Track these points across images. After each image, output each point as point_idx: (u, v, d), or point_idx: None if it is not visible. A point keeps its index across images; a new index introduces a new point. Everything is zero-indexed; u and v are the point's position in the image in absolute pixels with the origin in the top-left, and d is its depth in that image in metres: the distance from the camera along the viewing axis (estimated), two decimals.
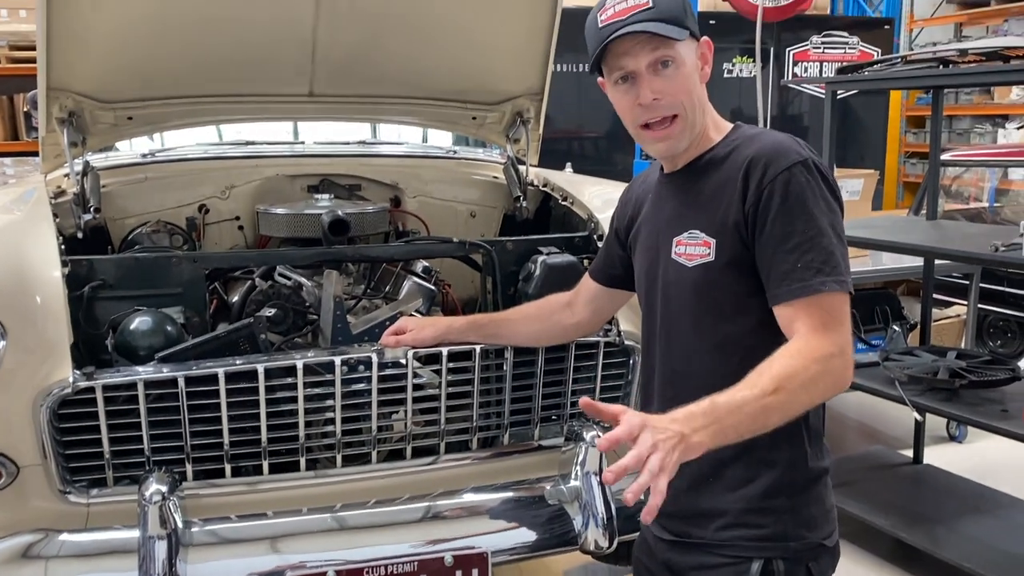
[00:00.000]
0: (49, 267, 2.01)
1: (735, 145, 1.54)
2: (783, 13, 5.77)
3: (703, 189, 1.55)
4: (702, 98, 1.56)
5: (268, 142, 3.31)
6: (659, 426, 1.26)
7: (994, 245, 2.60)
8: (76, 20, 2.33)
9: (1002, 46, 2.76)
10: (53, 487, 1.97)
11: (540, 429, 2.34)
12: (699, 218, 1.53)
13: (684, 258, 1.54)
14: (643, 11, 1.48)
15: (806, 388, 1.37)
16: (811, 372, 1.37)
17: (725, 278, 1.50)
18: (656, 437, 1.23)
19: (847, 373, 1.43)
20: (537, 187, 3.03)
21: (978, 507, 3.21)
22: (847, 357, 1.42)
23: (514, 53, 2.82)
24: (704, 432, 1.28)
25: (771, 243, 1.44)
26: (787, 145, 1.48)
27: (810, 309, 1.41)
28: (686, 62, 1.52)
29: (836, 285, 1.42)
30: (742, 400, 1.32)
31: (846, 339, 1.43)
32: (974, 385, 2.83)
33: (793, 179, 1.44)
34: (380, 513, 2.10)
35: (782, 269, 1.43)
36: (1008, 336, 5.20)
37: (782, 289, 1.43)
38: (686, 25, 1.50)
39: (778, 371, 1.36)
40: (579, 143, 6.99)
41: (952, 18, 8.56)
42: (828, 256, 1.42)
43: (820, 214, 1.44)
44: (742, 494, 1.53)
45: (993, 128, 8.24)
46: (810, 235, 1.43)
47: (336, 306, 2.29)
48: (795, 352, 1.39)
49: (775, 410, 1.35)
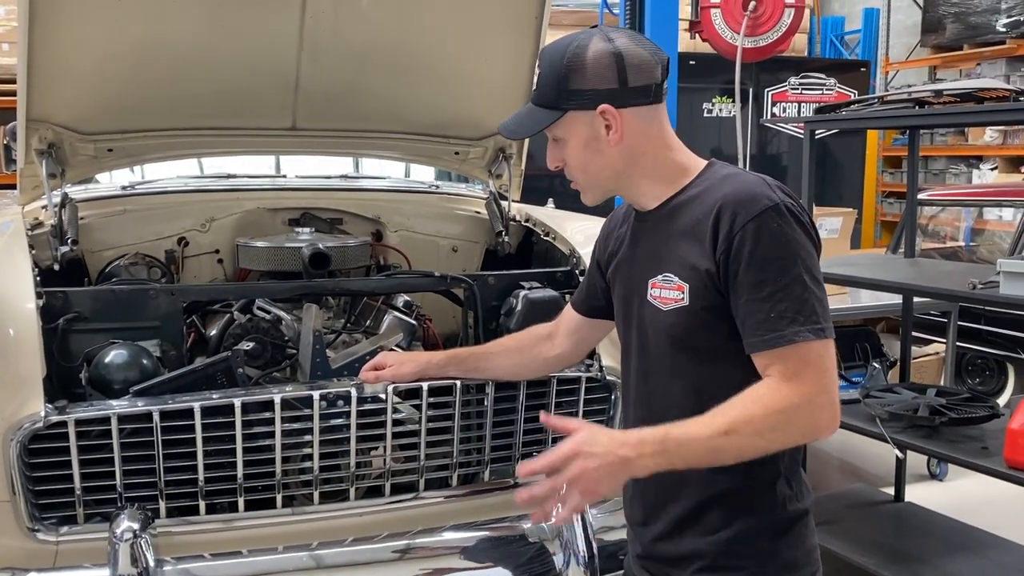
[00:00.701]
0: (23, 299, 1.98)
1: (707, 186, 1.52)
2: (762, 54, 5.86)
3: (675, 231, 1.53)
4: (610, 163, 1.54)
5: (249, 175, 3.31)
6: (595, 452, 1.35)
7: (972, 283, 2.62)
8: (58, 52, 2.33)
9: (976, 87, 2.81)
10: (21, 524, 1.92)
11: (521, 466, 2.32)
12: (672, 262, 1.52)
13: (659, 301, 1.52)
14: (533, 90, 1.56)
15: (761, 435, 1.37)
16: (770, 421, 1.37)
17: (700, 322, 1.47)
18: (586, 466, 1.34)
19: (819, 423, 1.40)
20: (519, 222, 3.04)
21: (960, 545, 3.19)
22: (818, 406, 1.38)
23: (497, 89, 2.84)
24: (651, 459, 1.36)
25: (744, 292, 1.42)
26: (757, 190, 1.45)
27: (784, 359, 1.39)
28: (570, 137, 1.54)
29: (810, 334, 1.39)
30: (693, 436, 1.37)
31: (819, 388, 1.39)
32: (954, 422, 2.83)
33: (764, 226, 1.41)
34: (358, 551, 2.06)
35: (756, 319, 1.41)
36: (986, 373, 5.23)
37: (756, 339, 1.41)
38: (558, 106, 1.51)
39: (735, 415, 1.37)
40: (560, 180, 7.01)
41: (926, 61, 8.74)
42: (801, 304, 1.39)
43: (792, 260, 1.41)
44: (720, 537, 1.51)
45: (968, 169, 8.38)
46: (783, 283, 1.40)
47: (315, 340, 2.27)
48: (758, 398, 1.38)
49: (725, 451, 1.38)
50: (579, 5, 7.22)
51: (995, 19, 7.66)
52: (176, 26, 2.42)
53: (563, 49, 1.51)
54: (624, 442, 1.37)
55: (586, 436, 1.38)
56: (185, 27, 2.43)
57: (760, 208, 1.42)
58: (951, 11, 8.11)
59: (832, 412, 1.41)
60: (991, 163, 8.11)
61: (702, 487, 1.51)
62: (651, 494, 1.60)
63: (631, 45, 1.50)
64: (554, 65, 1.51)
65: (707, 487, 1.51)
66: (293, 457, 2.12)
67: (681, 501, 1.54)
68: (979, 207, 6.54)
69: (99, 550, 1.88)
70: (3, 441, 1.86)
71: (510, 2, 2.64)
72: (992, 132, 7.91)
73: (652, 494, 1.60)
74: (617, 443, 1.37)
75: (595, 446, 1.36)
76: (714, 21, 5.75)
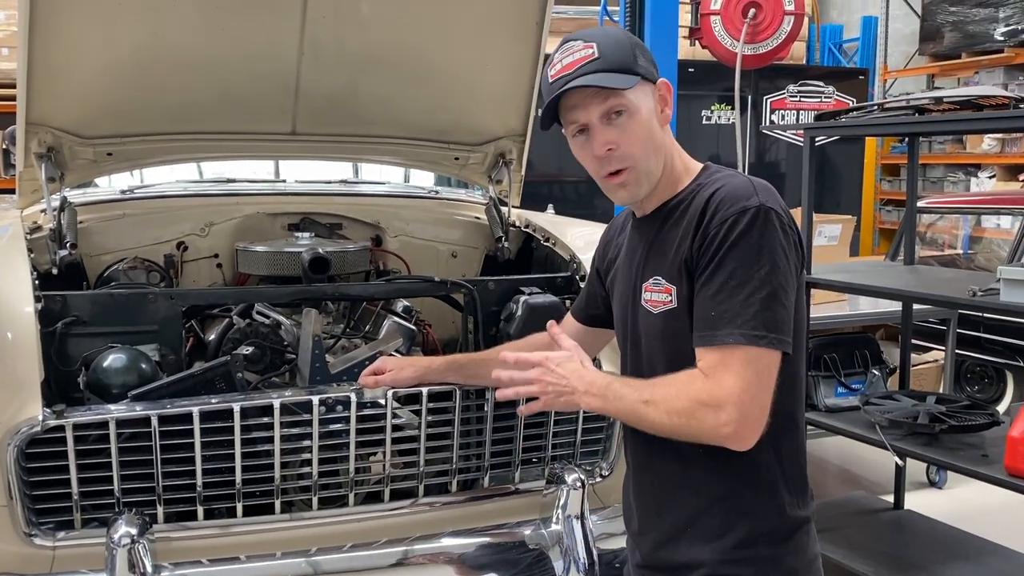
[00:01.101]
0: (22, 303, 1.97)
1: (699, 189, 1.52)
2: (761, 60, 5.87)
3: (666, 235, 1.53)
4: (662, 143, 1.54)
5: (249, 180, 3.30)
6: (554, 371, 1.51)
7: (972, 290, 2.62)
8: (57, 56, 2.32)
9: (976, 95, 2.81)
10: (18, 529, 1.91)
11: (521, 472, 2.31)
12: (661, 264, 1.52)
13: (651, 305, 1.53)
14: (589, 63, 1.47)
15: (670, 416, 1.41)
16: (677, 405, 1.40)
17: (687, 325, 1.47)
18: (544, 377, 1.51)
19: (719, 429, 1.37)
20: (519, 228, 3.03)
21: (959, 553, 3.18)
22: (723, 411, 1.36)
23: (497, 95, 2.84)
24: (593, 399, 1.48)
25: (699, 285, 1.43)
26: (742, 190, 1.44)
27: (711, 356, 1.40)
28: (640, 109, 1.49)
29: (742, 338, 1.37)
30: (626, 395, 1.46)
31: (730, 394, 1.36)
32: (954, 430, 2.82)
33: (736, 225, 1.40)
34: (356, 557, 2.05)
35: (699, 314, 1.43)
36: (985, 381, 5.23)
37: (696, 334, 1.43)
38: (635, 71, 1.49)
39: (658, 390, 1.44)
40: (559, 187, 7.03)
41: (925, 69, 8.75)
42: (745, 308, 1.38)
43: (752, 265, 1.39)
44: (719, 544, 1.50)
45: (966, 177, 8.39)
46: (732, 285, 1.39)
47: (315, 345, 2.26)
48: (677, 381, 1.42)
49: (645, 420, 1.45)
50: (579, 12, 7.22)
51: (993, 28, 7.68)
52: (176, 30, 2.42)
53: (616, 31, 1.58)
54: (580, 376, 1.50)
55: (559, 358, 1.53)
56: (185, 31, 2.43)
57: (738, 209, 1.42)
58: (949, 20, 8.13)
59: (740, 425, 1.37)
60: (989, 171, 8.12)
61: (699, 490, 1.51)
62: (649, 501, 1.60)
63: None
64: (619, 40, 1.52)
65: (704, 490, 1.50)
66: (292, 462, 2.11)
67: (678, 506, 1.54)
68: (977, 215, 6.55)
69: (96, 555, 1.87)
70: (0, 445, 1.85)
71: (511, 8, 2.64)
72: (990, 140, 7.92)
73: (650, 501, 1.59)
74: (576, 375, 1.50)
75: (559, 367, 1.51)
76: (714, 28, 5.76)
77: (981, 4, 7.78)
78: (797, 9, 5.73)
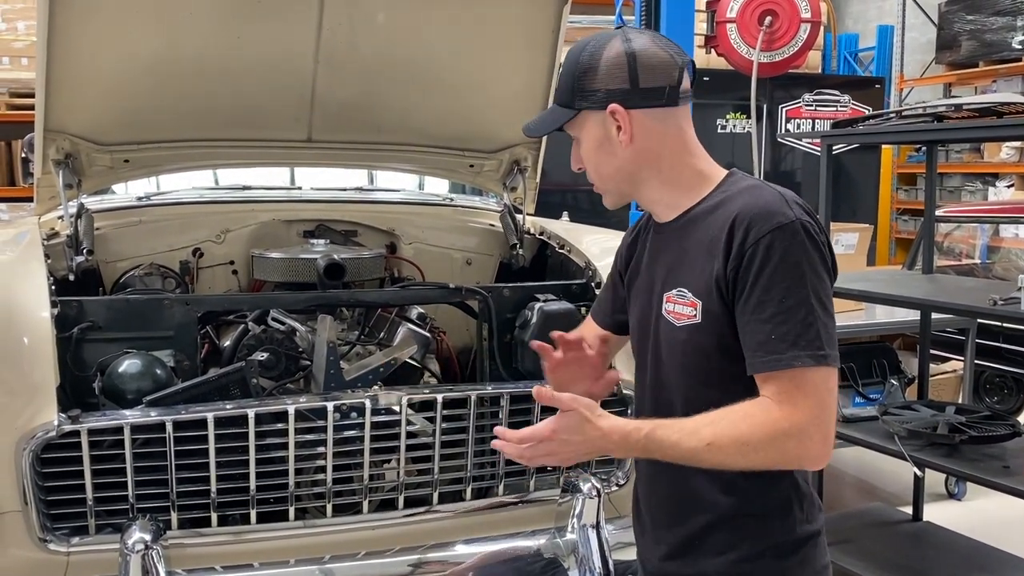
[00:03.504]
0: (38, 308, 1.98)
1: (723, 198, 1.48)
2: (777, 69, 5.84)
3: (690, 245, 1.49)
4: (621, 167, 1.50)
5: (264, 187, 3.31)
6: (572, 441, 1.36)
7: (992, 299, 2.58)
8: (76, 64, 2.34)
9: (997, 102, 2.78)
10: (33, 535, 1.91)
11: (536, 480, 2.29)
12: (686, 276, 1.48)
13: (673, 316, 1.49)
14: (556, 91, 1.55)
15: (744, 454, 1.34)
16: (754, 442, 1.34)
17: (711, 342, 1.44)
18: (557, 450, 1.37)
19: (805, 454, 1.36)
20: (534, 235, 3.03)
21: (980, 566, 3.14)
22: (807, 436, 1.34)
23: (512, 102, 2.83)
24: (630, 454, 1.44)
25: (748, 310, 1.39)
26: (774, 205, 1.41)
27: (780, 382, 1.36)
28: (585, 139, 1.52)
29: (810, 359, 1.34)
30: (676, 442, 1.36)
31: (811, 418, 1.34)
32: (975, 440, 2.79)
33: (776, 243, 1.37)
34: (370, 565, 2.05)
35: (757, 339, 1.38)
36: (1005, 392, 5.17)
37: (756, 360, 1.38)
38: (571, 104, 1.50)
39: (722, 429, 1.35)
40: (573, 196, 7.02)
41: (942, 78, 8.70)
42: (805, 328, 1.35)
43: (800, 282, 1.37)
44: (728, 558, 1.48)
45: (983, 186, 8.33)
46: (788, 305, 1.36)
47: (329, 351, 2.26)
48: (749, 415, 1.35)
49: (705, 461, 1.37)
50: (593, 22, 7.22)
51: (1011, 36, 7.63)
52: (193, 38, 2.43)
53: (582, 48, 1.50)
54: (606, 437, 1.37)
55: (568, 424, 1.37)
56: (202, 39, 2.44)
57: (774, 224, 1.38)
58: (966, 28, 8.08)
59: (822, 446, 1.36)
60: (1007, 180, 8.05)
61: (710, 510, 1.49)
62: (660, 514, 1.58)
63: (649, 46, 1.48)
64: (571, 64, 1.50)
65: (716, 509, 1.48)
66: (306, 469, 2.10)
67: (689, 522, 1.51)
68: (995, 224, 6.49)
69: (110, 561, 1.87)
70: (16, 450, 1.85)
71: (526, 16, 2.64)
72: (1008, 149, 7.86)
73: (661, 514, 1.57)
74: (598, 436, 1.37)
75: (572, 434, 1.36)
76: (730, 36, 5.73)
77: (998, 12, 7.73)
78: (814, 17, 5.70)
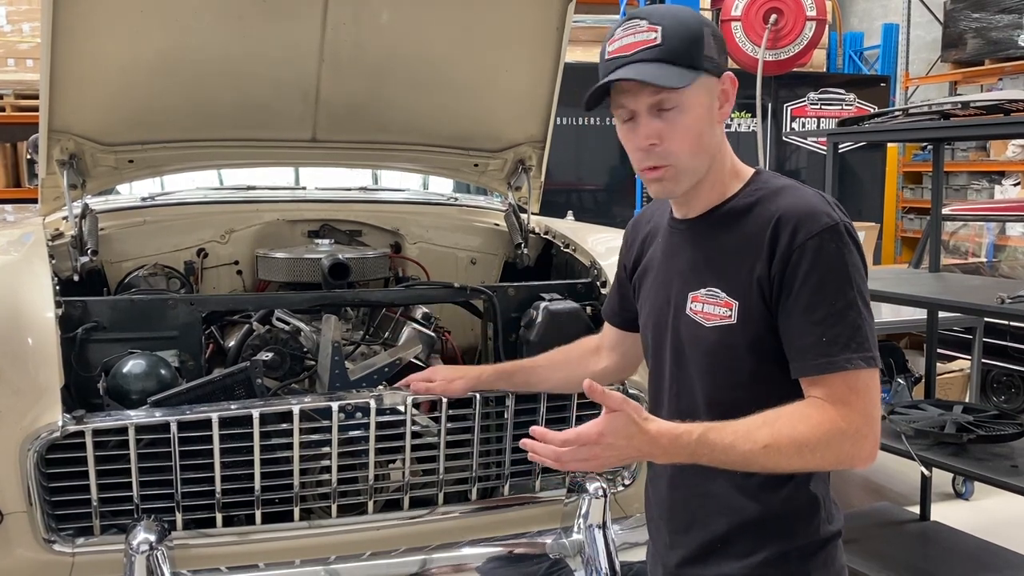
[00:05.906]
0: (43, 308, 1.97)
1: (758, 196, 1.44)
2: (782, 67, 5.84)
3: (724, 244, 1.45)
4: (711, 143, 1.44)
5: (269, 187, 3.31)
6: (617, 445, 1.31)
7: (1000, 297, 2.57)
8: (80, 64, 2.33)
9: (1004, 99, 2.77)
10: (37, 535, 1.91)
11: (542, 480, 2.29)
12: (719, 276, 1.44)
13: (701, 316, 1.45)
14: (648, 48, 1.37)
15: (801, 455, 1.33)
16: (812, 442, 1.33)
17: (745, 343, 1.41)
18: (602, 454, 1.31)
19: (859, 454, 1.36)
20: (538, 234, 3.02)
21: (987, 566, 3.12)
22: (862, 436, 1.35)
23: (516, 101, 2.83)
24: (678, 459, 1.35)
25: (796, 312, 1.37)
26: (819, 206, 1.39)
27: (833, 385, 1.35)
28: (693, 107, 1.40)
29: (862, 362, 1.35)
30: (730, 444, 1.33)
31: (865, 418, 1.35)
32: (982, 440, 2.77)
33: (824, 245, 1.36)
34: (375, 566, 2.03)
35: (807, 341, 1.36)
36: (1012, 391, 5.15)
37: (806, 363, 1.37)
38: (698, 65, 1.39)
39: (779, 430, 1.33)
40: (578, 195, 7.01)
41: (947, 76, 8.66)
42: (855, 331, 1.36)
43: (848, 284, 1.36)
44: (750, 561, 1.47)
45: (989, 184, 8.29)
46: (838, 307, 1.35)
47: (334, 351, 2.25)
48: (806, 416, 1.34)
49: (759, 464, 1.35)
50: (597, 21, 7.21)
51: (1017, 34, 7.60)
52: (197, 38, 2.43)
53: (688, 13, 1.43)
54: (654, 442, 1.33)
55: (616, 427, 1.31)
56: (206, 39, 2.44)
57: (821, 226, 1.37)
58: (972, 26, 8.05)
59: (874, 444, 1.37)
60: (1013, 179, 8.02)
61: (733, 513, 1.47)
62: (678, 517, 1.56)
63: None
64: (688, 26, 1.39)
65: (739, 513, 1.47)
66: (311, 469, 2.09)
67: (710, 526, 1.50)
68: (1002, 222, 6.46)
69: (115, 562, 1.86)
70: (20, 451, 1.85)
71: (531, 15, 2.63)
72: (1014, 147, 7.83)
73: (679, 517, 1.56)
74: (645, 441, 1.32)
75: (619, 438, 1.32)
76: (735, 34, 5.73)
77: (1004, 10, 7.70)
78: (819, 15, 5.69)
